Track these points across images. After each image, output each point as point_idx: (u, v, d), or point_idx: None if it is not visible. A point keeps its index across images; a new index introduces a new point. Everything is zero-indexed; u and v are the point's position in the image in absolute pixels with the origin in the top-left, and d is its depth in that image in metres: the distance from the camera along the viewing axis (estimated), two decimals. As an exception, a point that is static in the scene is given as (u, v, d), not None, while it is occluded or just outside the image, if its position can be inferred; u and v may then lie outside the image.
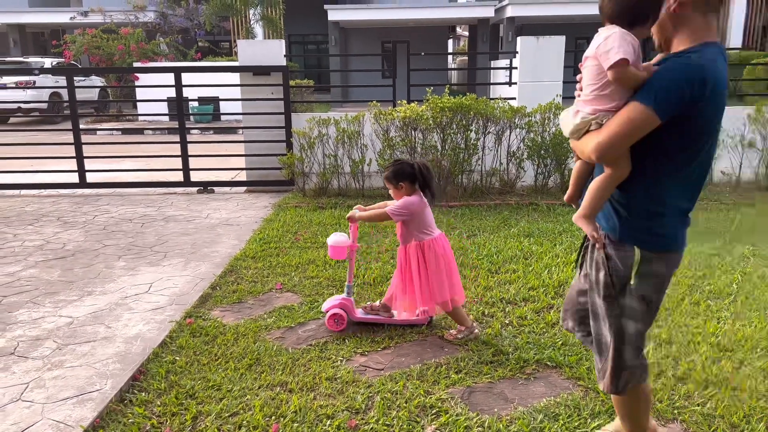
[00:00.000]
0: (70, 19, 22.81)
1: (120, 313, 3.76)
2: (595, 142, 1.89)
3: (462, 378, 2.99)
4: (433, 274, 3.37)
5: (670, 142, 1.86)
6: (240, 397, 2.82)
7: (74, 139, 7.58)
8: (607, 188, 1.96)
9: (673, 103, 1.79)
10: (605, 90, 1.91)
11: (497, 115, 6.99)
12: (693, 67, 1.80)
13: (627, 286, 2.00)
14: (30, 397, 2.78)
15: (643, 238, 1.97)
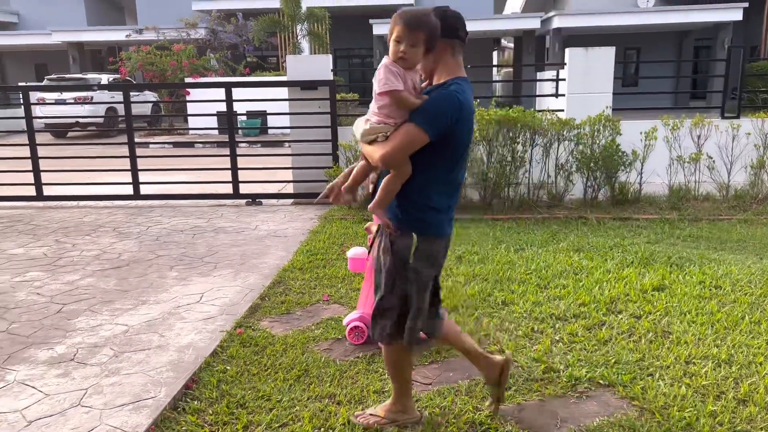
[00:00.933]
0: (126, 36, 23.70)
1: (173, 323, 3.85)
2: (381, 153, 2.35)
3: (511, 395, 2.94)
4: None
5: (438, 154, 2.39)
6: (289, 408, 2.85)
7: (129, 153, 7.84)
8: (394, 186, 2.42)
9: (441, 125, 2.32)
10: (386, 107, 2.35)
11: (545, 127, 6.91)
12: (453, 96, 2.35)
13: (407, 263, 2.47)
14: (89, 403, 2.87)
15: (418, 227, 2.47)
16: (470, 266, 4.89)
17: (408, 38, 2.31)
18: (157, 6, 25.76)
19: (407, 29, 2.31)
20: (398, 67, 2.34)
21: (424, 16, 2.33)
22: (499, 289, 4.37)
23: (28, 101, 8.13)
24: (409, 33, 2.31)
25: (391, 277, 2.48)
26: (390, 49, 2.36)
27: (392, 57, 2.36)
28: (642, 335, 3.56)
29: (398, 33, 2.33)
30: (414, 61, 2.37)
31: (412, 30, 2.31)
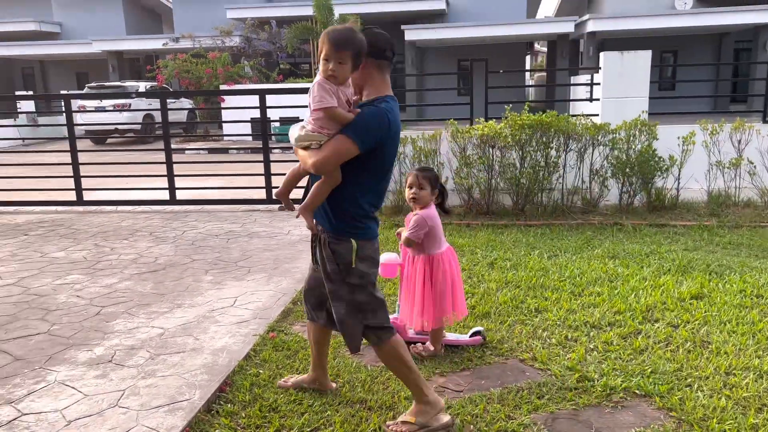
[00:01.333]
0: (163, 45, 24.24)
1: (207, 326, 3.91)
2: (314, 160, 2.52)
3: (545, 404, 2.90)
4: (439, 289, 3.35)
5: (368, 166, 2.57)
6: (321, 413, 2.86)
7: (166, 158, 8.01)
8: (324, 190, 2.61)
9: (371, 139, 2.50)
10: (321, 120, 2.53)
11: (579, 132, 6.82)
12: (384, 114, 2.53)
13: (350, 267, 2.63)
14: (126, 404, 2.94)
15: (354, 232, 2.64)
16: (503, 273, 4.85)
17: (335, 56, 2.46)
18: (193, 14, 26.33)
19: (334, 48, 2.45)
20: (330, 84, 2.50)
21: (350, 35, 2.48)
22: (532, 296, 4.33)
23: (69, 109, 8.38)
24: (336, 51, 2.46)
25: (340, 283, 2.66)
26: (320, 67, 2.51)
27: (322, 74, 2.51)
28: (680, 345, 3.48)
29: (326, 52, 2.47)
30: (343, 77, 2.52)
31: (339, 49, 2.45)
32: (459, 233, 6.20)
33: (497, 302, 4.20)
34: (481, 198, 7.02)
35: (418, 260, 3.40)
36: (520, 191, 6.88)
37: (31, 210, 8.22)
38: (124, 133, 17.35)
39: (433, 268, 3.36)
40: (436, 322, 3.39)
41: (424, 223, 3.33)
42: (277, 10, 23.86)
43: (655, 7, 22.29)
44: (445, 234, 6.08)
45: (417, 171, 3.40)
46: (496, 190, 6.97)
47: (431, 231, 3.36)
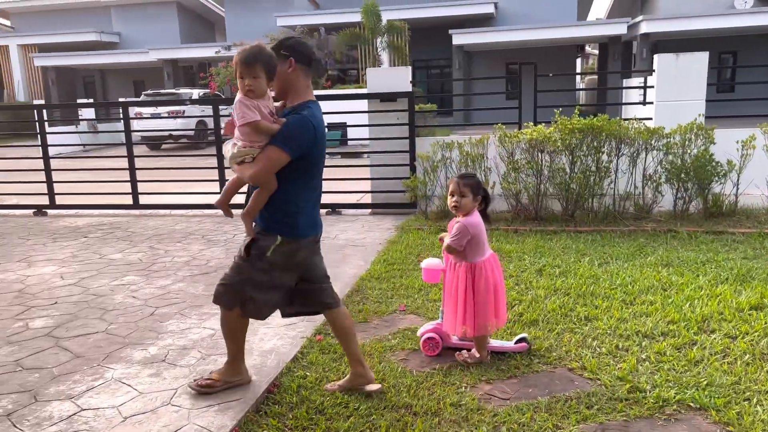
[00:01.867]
0: (216, 53, 24.92)
1: (257, 327, 3.99)
2: (250, 172, 2.74)
3: (594, 414, 2.84)
4: (481, 296, 3.32)
5: (300, 169, 2.82)
6: (366, 416, 2.88)
7: (217, 164, 8.22)
8: (263, 198, 2.83)
9: (299, 146, 2.74)
10: (249, 134, 2.73)
11: (632, 136, 6.66)
12: (307, 121, 2.75)
13: (263, 255, 2.86)
14: (178, 402, 3.03)
15: (283, 229, 2.87)
16: (551, 280, 4.77)
17: (248, 72, 2.68)
18: (244, 23, 26.96)
19: (244, 65, 2.68)
20: (250, 99, 2.71)
21: (256, 50, 2.71)
22: (581, 304, 4.24)
23: (127, 115, 8.70)
24: (247, 68, 2.68)
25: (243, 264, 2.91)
26: (238, 86, 2.72)
27: (242, 92, 2.71)
28: (738, 357, 3.35)
29: (239, 70, 2.70)
30: (260, 91, 2.72)
31: (249, 65, 2.68)
32: (506, 239, 6.13)
33: (545, 310, 4.14)
34: (529, 203, 6.93)
35: (460, 267, 3.38)
36: (569, 196, 6.76)
37: (90, 213, 8.57)
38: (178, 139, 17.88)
39: (475, 276, 3.34)
40: (478, 330, 3.36)
41: (466, 231, 3.31)
42: (325, 17, 24.19)
43: (712, 6, 21.56)
44: (492, 240, 6.06)
45: (458, 178, 3.38)
46: (545, 196, 6.86)
47: (474, 238, 3.34)
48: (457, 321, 3.37)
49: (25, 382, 3.31)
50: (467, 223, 3.32)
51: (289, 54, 2.82)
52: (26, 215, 8.64)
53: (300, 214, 2.87)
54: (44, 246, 6.61)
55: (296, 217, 2.86)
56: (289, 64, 2.82)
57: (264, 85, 2.72)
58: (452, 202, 3.37)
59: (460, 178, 3.38)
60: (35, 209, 8.74)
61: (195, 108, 18.55)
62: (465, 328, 3.36)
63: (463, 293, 3.34)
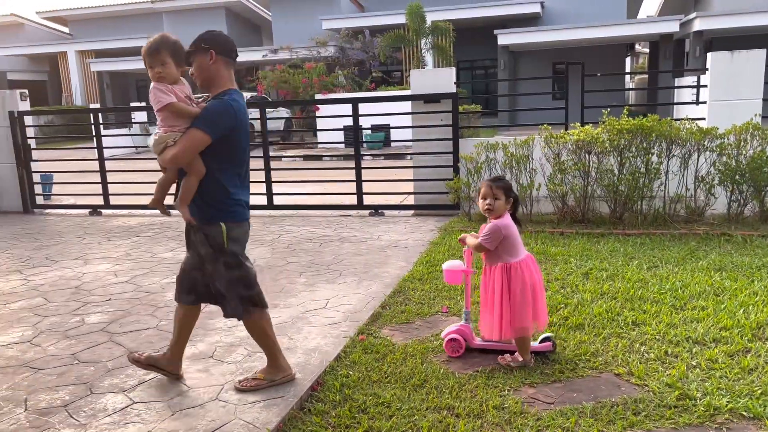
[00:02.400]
0: (263, 56, 25.37)
1: (301, 326, 4.06)
2: (171, 153, 2.86)
3: (641, 421, 2.78)
4: (517, 298, 3.28)
5: (225, 153, 2.96)
6: (408, 417, 2.89)
7: (264, 166, 8.37)
8: (192, 183, 2.93)
9: (220, 127, 2.87)
10: (168, 119, 2.89)
11: (683, 137, 6.47)
12: (229, 105, 2.91)
13: (223, 248, 2.98)
14: (225, 398, 3.11)
15: (224, 216, 2.98)
16: (598, 283, 4.68)
17: (156, 61, 2.87)
18: (291, 26, 27.36)
19: (150, 55, 2.88)
20: (163, 84, 2.87)
21: (160, 39, 2.91)
22: (629, 308, 4.15)
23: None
24: (154, 57, 2.87)
25: (216, 262, 3.01)
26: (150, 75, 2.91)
27: (154, 79, 2.89)
28: (795, 366, 3.22)
29: (147, 61, 2.89)
30: (171, 76, 2.90)
31: (154, 54, 2.87)
32: (552, 241, 6.05)
33: (592, 314, 4.07)
34: (575, 205, 6.81)
35: (495, 269, 3.37)
36: (618, 199, 6.61)
37: (142, 213, 8.86)
38: (226, 141, 18.24)
39: (511, 277, 3.31)
40: (516, 332, 3.33)
41: (498, 231, 3.31)
42: (370, 20, 24.33)
43: (771, 1, 20.72)
44: (537, 242, 5.99)
45: (490, 182, 3.38)
46: (592, 198, 6.73)
47: (507, 240, 3.33)
48: (495, 324, 3.35)
49: (81, 374, 3.45)
50: (500, 224, 3.32)
51: (210, 46, 2.96)
52: (82, 215, 8.99)
53: (233, 200, 3.00)
54: (99, 245, 6.86)
55: (232, 204, 3.00)
56: (210, 56, 2.95)
57: (173, 70, 2.90)
58: (485, 205, 3.37)
59: (492, 182, 3.38)
60: (91, 209, 9.08)
61: (242, 111, 18.86)
62: (503, 330, 3.34)
63: (500, 295, 3.33)
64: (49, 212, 9.33)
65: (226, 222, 2.98)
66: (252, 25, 32.67)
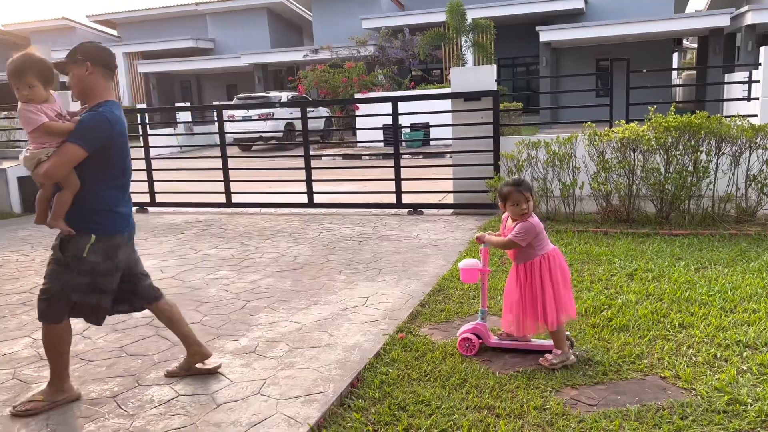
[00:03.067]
0: (303, 56, 25.62)
1: (341, 323, 4.09)
2: (44, 169, 2.82)
3: (688, 425, 2.71)
4: (560, 284, 3.34)
5: (102, 167, 2.94)
6: (448, 415, 2.88)
7: (305, 164, 8.46)
8: (66, 198, 2.90)
9: (96, 140, 2.86)
10: (40, 138, 2.86)
11: (734, 135, 6.26)
12: (103, 117, 2.88)
13: (81, 259, 2.92)
14: (267, 392, 3.15)
15: (94, 228, 2.95)
16: (643, 284, 4.57)
17: (22, 84, 2.84)
18: (331, 26, 27.57)
19: (15, 77, 2.84)
20: (32, 105, 2.84)
21: (22, 60, 2.85)
22: (676, 310, 4.04)
23: (221, 118, 9.13)
24: (19, 79, 2.84)
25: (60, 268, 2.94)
26: (17, 96, 2.87)
27: (23, 101, 2.86)
28: None
29: (13, 83, 2.85)
30: (40, 96, 2.87)
31: (20, 76, 2.83)
32: (595, 241, 5.93)
33: (637, 315, 3.97)
34: (620, 204, 6.67)
35: (533, 264, 3.39)
36: (664, 198, 6.44)
37: (186, 210, 9.07)
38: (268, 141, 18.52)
39: (551, 265, 3.37)
40: (560, 322, 3.35)
41: (533, 230, 3.36)
42: (410, 18, 24.31)
43: (830, -8, 19.85)
44: (580, 242, 5.90)
45: (518, 186, 3.38)
46: (637, 197, 6.58)
47: (540, 235, 3.39)
48: (540, 318, 3.35)
49: (129, 367, 3.56)
50: (534, 222, 3.38)
51: (86, 58, 2.94)
52: (130, 212, 9.24)
53: (111, 211, 2.98)
54: (146, 241, 7.06)
55: (107, 215, 2.97)
56: (86, 67, 2.94)
57: (41, 91, 2.88)
58: (522, 210, 3.38)
59: (517, 186, 3.39)
60: (137, 206, 9.34)
61: (284, 110, 19.16)
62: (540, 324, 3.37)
63: (540, 288, 3.35)
64: (99, 209, 9.62)
65: (96, 233, 2.94)
66: (293, 26, 33.04)
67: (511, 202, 3.39)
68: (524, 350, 3.57)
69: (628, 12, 22.81)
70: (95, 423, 2.93)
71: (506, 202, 3.42)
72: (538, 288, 3.35)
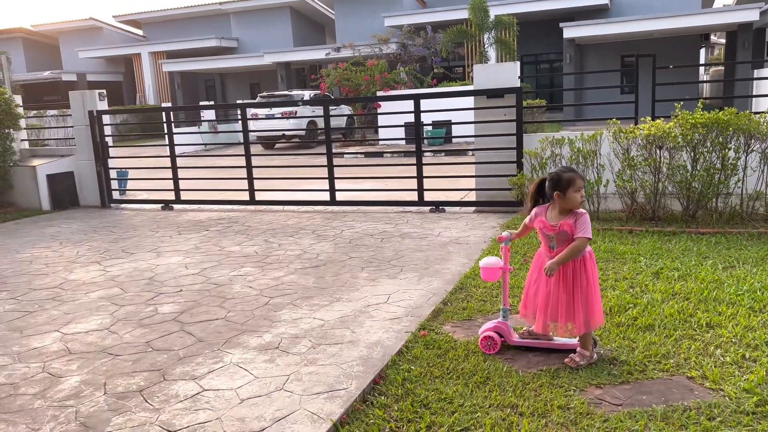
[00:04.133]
0: (326, 55, 25.70)
1: (363, 320, 4.10)
2: None
3: (716, 426, 2.66)
4: (593, 289, 3.32)
5: None
6: (471, 413, 2.88)
7: (327, 162, 8.50)
8: None
9: None
10: None
11: (763, 131, 6.13)
12: None
13: None
14: (290, 388, 3.18)
15: None
16: (669, 283, 4.51)
17: None
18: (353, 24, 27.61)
19: None
20: None
21: None
22: (703, 309, 3.98)
23: (245, 116, 9.21)
24: None
25: None
26: None
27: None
28: None
29: None
30: None
31: None
32: (620, 239, 5.86)
33: (662, 315, 3.92)
34: (645, 202, 6.57)
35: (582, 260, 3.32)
36: (691, 196, 6.34)
37: (210, 208, 9.17)
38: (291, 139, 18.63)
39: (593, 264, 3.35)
40: (587, 326, 3.31)
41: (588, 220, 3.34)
42: (432, 16, 24.22)
43: None
44: (605, 240, 5.83)
45: (576, 173, 3.34)
46: (663, 195, 6.48)
47: None
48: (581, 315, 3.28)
49: (155, 362, 3.61)
50: (586, 212, 3.35)
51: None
52: (155, 209, 9.39)
53: None
54: (171, 238, 7.15)
55: None
56: None
57: None
58: (584, 195, 3.36)
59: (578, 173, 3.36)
60: (163, 204, 9.47)
61: (306, 108, 19.24)
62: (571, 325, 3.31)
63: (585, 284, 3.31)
64: (125, 207, 9.79)
65: None
66: (316, 24, 33.16)
67: (575, 188, 3.27)
68: (547, 349, 3.54)
69: (654, 7, 22.46)
70: (122, 416, 2.98)
71: (567, 190, 3.26)
72: (587, 286, 3.30)
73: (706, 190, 6.23)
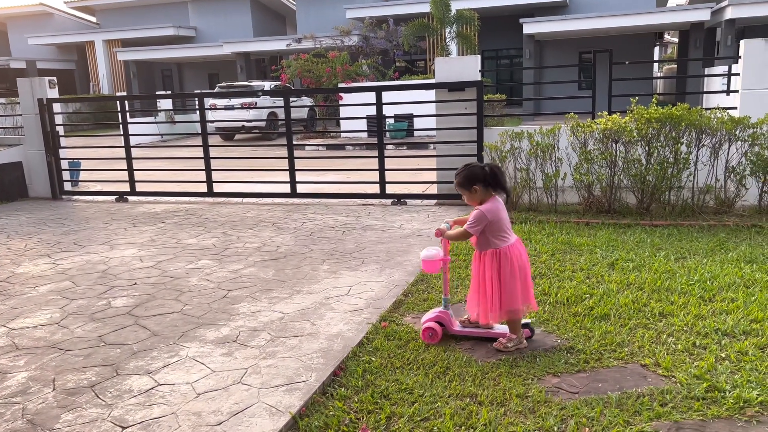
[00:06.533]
0: (287, 45, 25.41)
1: (323, 312, 4.07)
2: None
3: (668, 412, 2.73)
4: (507, 283, 3.35)
5: None
6: (431, 403, 2.88)
7: (288, 154, 8.40)
8: None
9: None
10: None
11: (714, 127, 6.32)
12: None
13: None
14: (248, 381, 3.13)
15: None
16: (624, 274, 4.61)
17: None
18: (314, 15, 27.35)
19: None
20: None
21: None
22: (656, 299, 4.08)
23: (203, 107, 9.01)
24: None
25: None
26: None
27: None
28: (829, 360, 3.13)
29: None
30: None
31: None
32: (577, 232, 5.97)
33: (617, 304, 4.01)
34: (602, 195, 6.71)
35: (486, 255, 3.43)
36: (645, 189, 6.50)
37: (167, 200, 8.95)
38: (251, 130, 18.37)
39: (501, 262, 3.38)
40: (508, 315, 3.41)
41: (483, 217, 3.38)
42: (394, 9, 24.18)
43: (808, -12, 20.08)
44: (562, 232, 5.92)
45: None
46: (619, 188, 6.62)
47: (494, 224, 3.39)
48: (487, 308, 3.41)
49: (107, 356, 3.51)
50: (484, 210, 3.39)
51: None
52: (109, 201, 9.12)
53: None
54: (125, 230, 6.96)
55: None
56: None
57: None
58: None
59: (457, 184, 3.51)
60: (117, 195, 9.21)
61: (266, 99, 18.99)
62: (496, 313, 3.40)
63: (491, 280, 3.39)
64: (77, 198, 9.48)
65: None
66: (276, 14, 32.72)
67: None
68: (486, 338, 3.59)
69: (611, 5, 22.94)
70: (72, 413, 2.88)
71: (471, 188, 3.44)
72: (489, 280, 3.39)
73: (659, 183, 6.40)
